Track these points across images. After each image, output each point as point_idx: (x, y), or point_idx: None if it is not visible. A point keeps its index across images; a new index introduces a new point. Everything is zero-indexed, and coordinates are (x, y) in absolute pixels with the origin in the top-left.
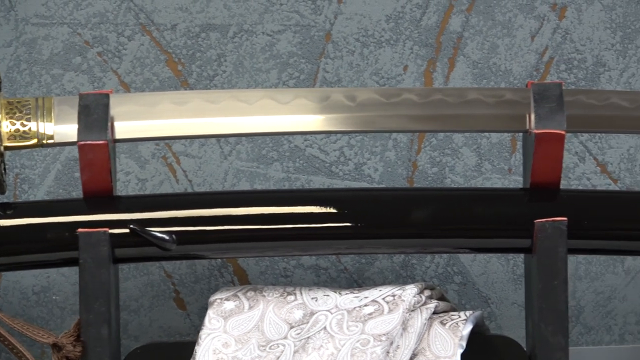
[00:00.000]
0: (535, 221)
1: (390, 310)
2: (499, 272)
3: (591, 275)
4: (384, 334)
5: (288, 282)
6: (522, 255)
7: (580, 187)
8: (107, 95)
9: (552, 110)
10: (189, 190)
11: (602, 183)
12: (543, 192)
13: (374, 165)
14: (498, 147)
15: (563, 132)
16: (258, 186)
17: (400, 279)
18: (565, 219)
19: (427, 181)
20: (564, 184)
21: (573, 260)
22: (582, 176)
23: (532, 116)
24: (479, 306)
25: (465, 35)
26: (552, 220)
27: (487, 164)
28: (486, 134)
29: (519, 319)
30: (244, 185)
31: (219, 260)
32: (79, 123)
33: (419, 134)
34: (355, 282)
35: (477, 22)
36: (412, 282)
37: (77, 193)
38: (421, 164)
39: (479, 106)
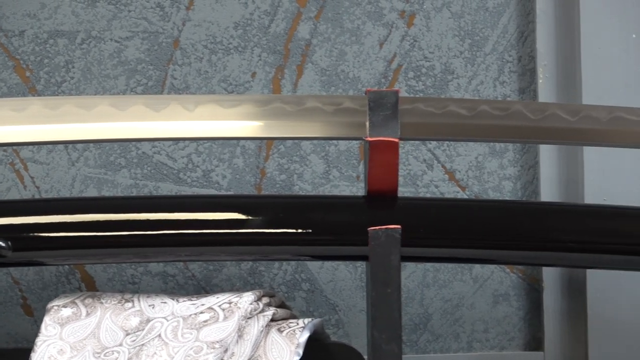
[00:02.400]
0: (369, 229)
1: (225, 318)
2: (347, 279)
3: (439, 283)
4: (217, 342)
5: (135, 289)
6: None
7: (428, 195)
8: None
9: (387, 118)
10: (37, 196)
11: (450, 191)
12: (380, 199)
13: (222, 172)
14: (346, 155)
15: (396, 140)
16: (106, 192)
17: (248, 286)
18: (399, 226)
19: (276, 188)
20: (412, 192)
21: (421, 267)
22: (430, 184)
23: (368, 124)
24: (327, 313)
25: (313, 42)
26: (386, 228)
27: (335, 171)
28: (334, 141)
29: (366, 326)
30: (91, 192)
31: (67, 266)
32: None
33: (267, 141)
34: (203, 288)
35: (325, 30)
36: (260, 289)
37: None
38: (269, 171)
39: (318, 114)
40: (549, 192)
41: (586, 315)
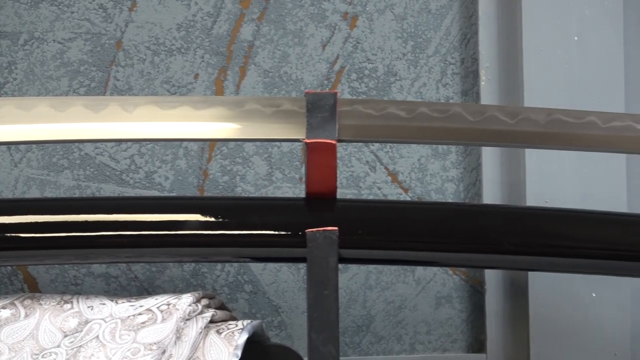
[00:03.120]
0: (307, 231)
1: (163, 319)
2: (290, 281)
3: (382, 285)
4: (155, 343)
5: (78, 290)
6: None
7: (371, 197)
8: None
9: (325, 119)
10: None
11: (393, 192)
12: (319, 201)
13: (165, 174)
14: (289, 156)
15: (334, 142)
16: (49, 194)
17: (191, 287)
18: (336, 228)
19: (218, 189)
20: (355, 193)
21: (364, 269)
22: (373, 185)
23: (305, 126)
24: (270, 315)
25: (256, 44)
26: (323, 230)
27: (278, 172)
28: (277, 143)
29: None
30: (34, 193)
31: (9, 267)
32: None
33: (210, 142)
34: (146, 290)
35: (268, 31)
36: (199, 291)
37: None
38: (212, 172)
39: (257, 116)
40: (491, 194)
41: (528, 317)
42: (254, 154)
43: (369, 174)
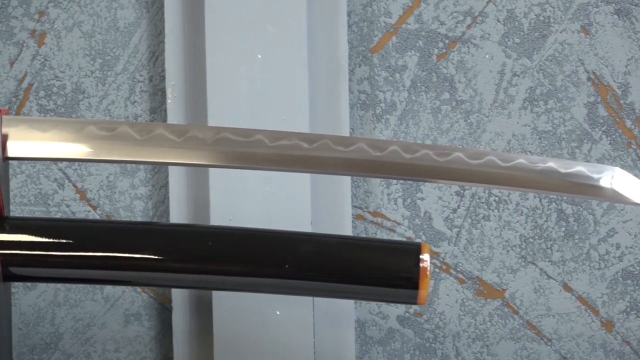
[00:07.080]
0: None
1: None
2: None
3: (70, 302)
4: None
5: None
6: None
7: (59, 214)
8: None
9: None
10: None
11: (81, 210)
12: None
13: None
14: None
15: None
16: None
17: None
18: None
19: None
20: (43, 211)
21: (52, 287)
22: (62, 203)
23: None
24: None
25: None
26: None
27: None
28: None
29: None
30: None
31: None
32: None
33: None
34: None
35: None
36: None
37: None
38: None
39: None
40: (177, 213)
41: (212, 334)
42: None
43: (57, 192)
